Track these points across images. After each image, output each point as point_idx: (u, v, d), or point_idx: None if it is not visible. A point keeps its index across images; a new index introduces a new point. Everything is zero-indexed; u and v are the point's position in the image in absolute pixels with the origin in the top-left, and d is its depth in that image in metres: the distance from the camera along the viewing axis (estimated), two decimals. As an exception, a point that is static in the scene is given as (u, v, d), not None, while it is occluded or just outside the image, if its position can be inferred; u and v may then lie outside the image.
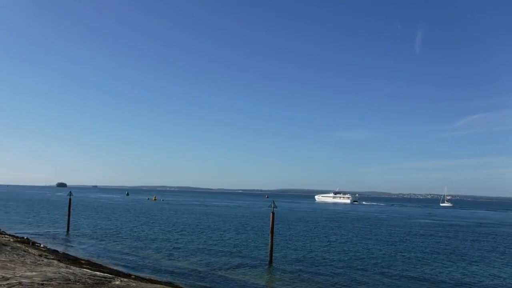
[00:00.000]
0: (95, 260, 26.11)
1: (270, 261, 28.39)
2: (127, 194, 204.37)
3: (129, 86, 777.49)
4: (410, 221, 76.19)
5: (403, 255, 33.87)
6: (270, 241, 29.25)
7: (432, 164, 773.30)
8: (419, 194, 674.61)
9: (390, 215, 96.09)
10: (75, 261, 22.47)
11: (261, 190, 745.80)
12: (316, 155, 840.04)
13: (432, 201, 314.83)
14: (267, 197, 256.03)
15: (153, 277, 22.29)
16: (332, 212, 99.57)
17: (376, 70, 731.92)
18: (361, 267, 28.18)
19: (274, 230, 30.06)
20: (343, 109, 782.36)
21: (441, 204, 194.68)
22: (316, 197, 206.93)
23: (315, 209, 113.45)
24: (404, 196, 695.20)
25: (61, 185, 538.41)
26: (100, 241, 36.62)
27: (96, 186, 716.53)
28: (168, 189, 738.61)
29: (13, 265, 9.41)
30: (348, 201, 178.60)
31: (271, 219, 29.87)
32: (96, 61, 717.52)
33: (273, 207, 29.70)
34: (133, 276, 21.69)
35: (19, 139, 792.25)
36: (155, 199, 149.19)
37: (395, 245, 40.03)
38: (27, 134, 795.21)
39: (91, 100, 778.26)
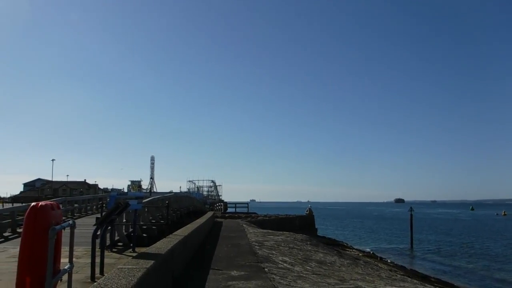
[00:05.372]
0: (444, 278, 25.21)
1: None
2: (472, 209, 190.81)
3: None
4: None
5: None
6: None
7: None
8: None
9: None
10: (424, 278, 22.25)
11: None
12: None
13: None
14: None
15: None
16: None
17: None
18: None
19: None
20: None
21: None
22: None
23: None
24: None
25: (399, 200, 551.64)
26: (446, 258, 35.46)
27: (435, 201, 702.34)
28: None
29: (371, 278, 9.96)
30: None
31: None
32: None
33: None
34: (489, 300, 19.79)
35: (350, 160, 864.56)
36: (505, 214, 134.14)
37: None
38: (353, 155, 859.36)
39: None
